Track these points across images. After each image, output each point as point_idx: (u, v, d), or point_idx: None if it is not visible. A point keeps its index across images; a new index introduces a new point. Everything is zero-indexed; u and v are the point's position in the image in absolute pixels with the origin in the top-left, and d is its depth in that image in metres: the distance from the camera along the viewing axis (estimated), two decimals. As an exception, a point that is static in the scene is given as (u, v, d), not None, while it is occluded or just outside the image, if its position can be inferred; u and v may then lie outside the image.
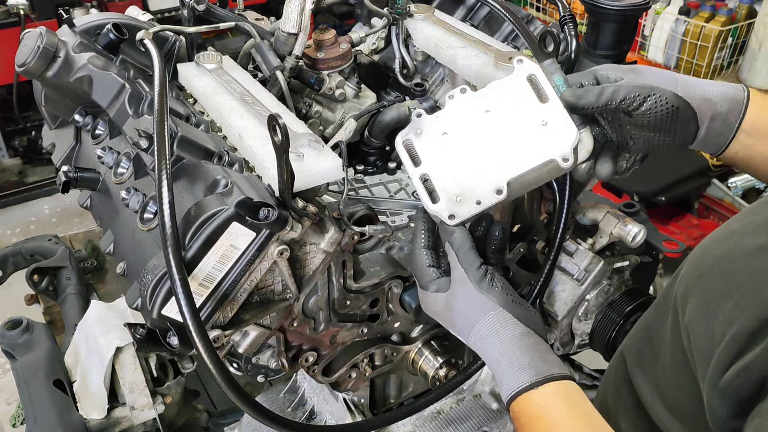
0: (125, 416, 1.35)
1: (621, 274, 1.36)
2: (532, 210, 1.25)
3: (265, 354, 1.18)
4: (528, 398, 0.85)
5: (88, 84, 1.15)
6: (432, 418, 1.43)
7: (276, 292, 1.04)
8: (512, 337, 0.90)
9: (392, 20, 1.38)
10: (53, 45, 1.13)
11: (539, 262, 1.27)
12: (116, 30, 1.19)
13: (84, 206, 1.24)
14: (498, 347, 0.90)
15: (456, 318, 0.96)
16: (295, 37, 1.25)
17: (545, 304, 1.35)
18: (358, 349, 1.24)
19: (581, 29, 1.15)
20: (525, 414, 0.85)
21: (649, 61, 3.30)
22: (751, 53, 3.07)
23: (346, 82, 1.31)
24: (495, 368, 0.90)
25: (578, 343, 1.41)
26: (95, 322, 1.41)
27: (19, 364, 1.37)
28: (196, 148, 1.02)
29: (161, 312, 0.91)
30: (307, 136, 1.02)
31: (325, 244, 1.02)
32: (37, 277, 1.73)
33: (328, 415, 1.44)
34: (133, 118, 1.12)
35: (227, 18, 1.32)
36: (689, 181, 3.39)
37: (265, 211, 0.91)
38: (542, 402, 0.85)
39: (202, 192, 0.96)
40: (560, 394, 0.85)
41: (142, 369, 1.34)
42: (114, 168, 1.14)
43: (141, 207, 1.02)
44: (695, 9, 3.13)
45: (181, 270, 0.85)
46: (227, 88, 1.18)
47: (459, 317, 0.95)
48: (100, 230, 1.20)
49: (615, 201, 2.65)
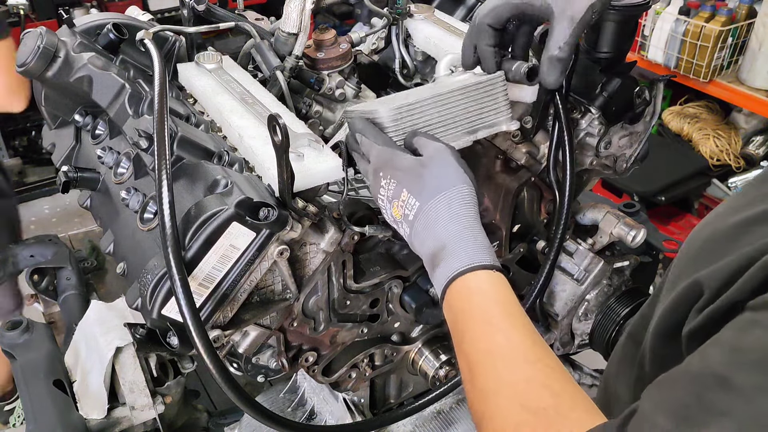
0: (125, 416, 1.35)
1: (621, 274, 1.36)
2: (532, 210, 1.25)
3: (265, 354, 1.18)
4: (479, 276, 0.80)
5: (88, 84, 1.15)
6: (432, 418, 1.42)
7: (276, 292, 1.04)
8: (475, 217, 0.85)
9: (392, 20, 1.38)
10: (53, 45, 1.13)
11: (539, 262, 1.27)
12: (116, 30, 1.19)
13: (84, 206, 1.24)
14: (462, 221, 0.83)
15: (426, 181, 0.86)
16: (295, 37, 1.25)
17: (545, 304, 1.35)
18: (358, 349, 1.24)
19: (581, 29, 1.15)
20: (474, 291, 0.79)
21: (649, 61, 3.30)
22: (751, 53, 3.07)
23: (346, 82, 1.31)
24: (454, 240, 0.82)
25: (578, 343, 1.41)
26: (95, 322, 1.41)
27: (19, 364, 1.37)
28: (196, 148, 1.02)
29: (161, 312, 0.91)
30: (307, 136, 1.02)
31: (325, 244, 1.02)
32: (37, 277, 1.73)
33: (328, 415, 1.43)
34: (133, 118, 1.12)
35: (227, 18, 1.32)
36: (689, 181, 3.39)
37: (265, 211, 0.91)
38: (487, 284, 0.79)
39: (202, 192, 0.96)
40: (505, 282, 0.81)
41: (142, 369, 1.34)
42: (114, 168, 1.14)
43: (141, 207, 1.02)
44: (695, 9, 3.13)
45: (181, 270, 0.85)
46: (227, 88, 1.18)
47: (430, 181, 0.86)
48: (100, 230, 1.20)
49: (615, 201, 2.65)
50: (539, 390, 0.69)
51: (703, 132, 3.52)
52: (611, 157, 1.26)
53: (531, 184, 1.19)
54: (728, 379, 0.58)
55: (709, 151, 3.46)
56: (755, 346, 0.59)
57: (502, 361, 0.74)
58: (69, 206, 3.90)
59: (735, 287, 0.66)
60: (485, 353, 0.75)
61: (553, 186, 1.17)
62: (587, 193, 1.50)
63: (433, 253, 0.83)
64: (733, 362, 0.60)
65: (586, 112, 1.17)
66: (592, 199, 1.46)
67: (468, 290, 0.79)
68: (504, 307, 0.78)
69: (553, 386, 0.70)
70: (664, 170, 3.29)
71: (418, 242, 0.86)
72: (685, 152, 3.53)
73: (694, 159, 3.46)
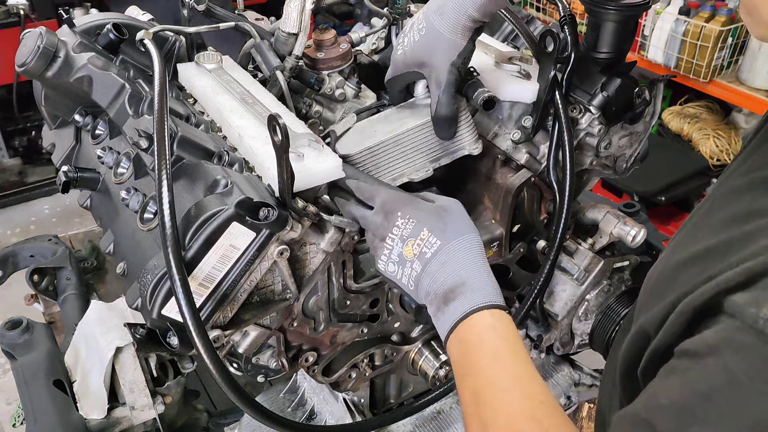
0: (125, 416, 1.35)
1: (621, 274, 1.36)
2: (532, 210, 1.25)
3: (265, 354, 1.18)
4: (494, 314, 0.85)
5: (88, 84, 1.15)
6: (432, 418, 1.42)
7: (276, 292, 1.04)
8: (487, 263, 0.91)
9: (392, 20, 1.38)
10: (53, 45, 1.13)
11: (539, 262, 1.27)
12: (116, 30, 1.19)
13: (84, 206, 1.24)
14: (480, 263, 0.89)
15: (447, 225, 0.92)
16: (295, 37, 1.25)
17: (545, 304, 1.35)
18: (358, 349, 1.24)
19: (581, 29, 1.15)
20: (489, 327, 0.84)
21: (649, 61, 3.30)
22: (751, 53, 3.07)
23: (346, 82, 1.31)
24: (475, 278, 0.87)
25: (578, 343, 1.41)
26: (95, 322, 1.41)
27: (19, 364, 1.37)
28: (196, 148, 1.02)
29: (161, 312, 0.91)
30: (307, 136, 1.02)
31: (325, 244, 1.02)
32: (37, 277, 1.73)
33: (328, 415, 1.43)
34: (133, 118, 1.12)
35: (227, 18, 1.32)
36: (689, 181, 3.39)
37: (265, 211, 0.91)
38: (500, 323, 0.85)
39: (202, 192, 0.96)
40: (512, 323, 0.87)
41: (142, 369, 1.34)
42: (114, 168, 1.14)
43: (141, 207, 1.02)
44: (695, 9, 3.12)
45: (181, 270, 0.85)
46: (227, 88, 1.18)
47: (450, 225, 0.92)
48: (100, 230, 1.20)
49: (615, 201, 2.65)
50: (530, 423, 0.75)
51: (703, 132, 3.52)
52: (611, 157, 1.26)
53: (531, 184, 1.19)
54: (650, 422, 0.63)
55: (709, 151, 3.46)
56: (670, 392, 0.64)
57: (502, 393, 0.79)
58: (69, 206, 3.90)
59: (663, 331, 0.70)
60: (489, 386, 0.80)
61: (553, 186, 1.17)
62: (587, 193, 1.50)
63: (451, 288, 0.87)
64: (651, 407, 0.64)
65: (586, 112, 1.17)
66: (592, 199, 1.46)
67: (483, 326, 0.84)
68: (511, 345, 0.83)
69: (543, 421, 0.75)
70: (664, 170, 3.29)
71: (430, 279, 0.89)
72: (685, 152, 3.53)
73: (694, 159, 3.46)
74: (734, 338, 0.61)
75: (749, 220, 0.69)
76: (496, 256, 1.25)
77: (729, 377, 0.59)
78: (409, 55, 1.06)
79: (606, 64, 1.15)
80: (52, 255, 1.76)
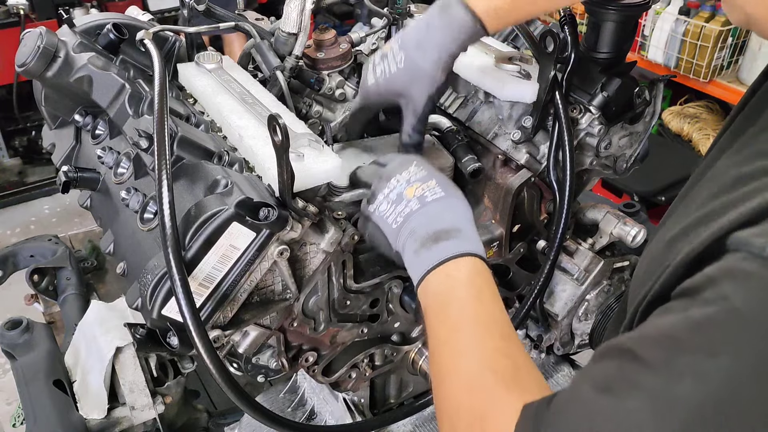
0: (125, 416, 1.35)
1: (621, 274, 1.36)
2: (532, 210, 1.25)
3: (265, 354, 1.18)
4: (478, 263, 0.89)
5: (88, 84, 1.15)
6: (432, 418, 1.42)
7: (276, 292, 1.04)
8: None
9: (392, 20, 1.38)
10: (53, 45, 1.13)
11: (539, 262, 1.27)
12: (116, 30, 1.19)
13: (84, 206, 1.24)
14: (472, 221, 0.94)
15: (450, 186, 0.97)
16: (295, 37, 1.25)
17: (545, 304, 1.35)
18: (358, 349, 1.24)
19: (581, 29, 1.15)
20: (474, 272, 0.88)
21: (649, 61, 3.30)
22: (751, 53, 3.07)
23: (346, 82, 1.31)
24: (469, 229, 0.92)
25: (578, 343, 1.41)
26: (95, 322, 1.41)
27: (19, 364, 1.37)
28: (196, 148, 1.02)
29: (161, 312, 0.91)
30: (307, 136, 1.02)
31: (325, 244, 1.02)
32: (37, 277, 1.73)
33: (328, 415, 1.44)
34: (133, 118, 1.12)
35: (227, 18, 1.32)
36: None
37: (265, 211, 0.91)
38: (486, 274, 0.88)
39: (202, 192, 0.96)
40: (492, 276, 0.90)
41: (142, 369, 1.34)
42: (114, 168, 1.14)
43: (141, 207, 1.02)
44: (695, 9, 3.13)
45: (181, 270, 0.85)
46: (227, 88, 1.18)
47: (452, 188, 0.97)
48: (100, 230, 1.20)
49: (615, 201, 2.65)
50: (505, 360, 0.78)
51: (703, 132, 3.52)
52: (611, 157, 1.26)
53: (531, 184, 1.19)
54: (633, 351, 0.61)
55: (709, 151, 3.45)
56: (660, 326, 0.62)
57: (483, 329, 0.82)
58: (69, 206, 3.90)
59: (659, 283, 0.68)
60: (471, 320, 0.83)
61: (553, 186, 1.17)
62: (587, 193, 1.50)
63: (445, 230, 0.90)
64: (636, 338, 0.63)
65: (586, 112, 1.17)
66: (592, 199, 1.46)
67: (471, 268, 0.88)
68: (493, 293, 0.88)
69: (518, 360, 0.78)
70: (664, 170, 3.29)
71: (424, 218, 0.92)
72: (685, 152, 3.53)
73: (694, 159, 3.45)
74: (737, 267, 0.57)
75: (746, 182, 0.65)
76: (496, 256, 1.25)
77: (727, 306, 0.56)
78: (383, 85, 1.07)
79: (606, 64, 1.15)
80: (52, 255, 1.76)
